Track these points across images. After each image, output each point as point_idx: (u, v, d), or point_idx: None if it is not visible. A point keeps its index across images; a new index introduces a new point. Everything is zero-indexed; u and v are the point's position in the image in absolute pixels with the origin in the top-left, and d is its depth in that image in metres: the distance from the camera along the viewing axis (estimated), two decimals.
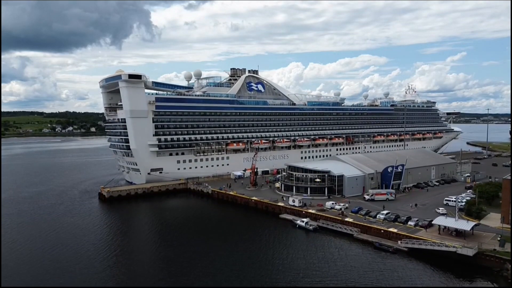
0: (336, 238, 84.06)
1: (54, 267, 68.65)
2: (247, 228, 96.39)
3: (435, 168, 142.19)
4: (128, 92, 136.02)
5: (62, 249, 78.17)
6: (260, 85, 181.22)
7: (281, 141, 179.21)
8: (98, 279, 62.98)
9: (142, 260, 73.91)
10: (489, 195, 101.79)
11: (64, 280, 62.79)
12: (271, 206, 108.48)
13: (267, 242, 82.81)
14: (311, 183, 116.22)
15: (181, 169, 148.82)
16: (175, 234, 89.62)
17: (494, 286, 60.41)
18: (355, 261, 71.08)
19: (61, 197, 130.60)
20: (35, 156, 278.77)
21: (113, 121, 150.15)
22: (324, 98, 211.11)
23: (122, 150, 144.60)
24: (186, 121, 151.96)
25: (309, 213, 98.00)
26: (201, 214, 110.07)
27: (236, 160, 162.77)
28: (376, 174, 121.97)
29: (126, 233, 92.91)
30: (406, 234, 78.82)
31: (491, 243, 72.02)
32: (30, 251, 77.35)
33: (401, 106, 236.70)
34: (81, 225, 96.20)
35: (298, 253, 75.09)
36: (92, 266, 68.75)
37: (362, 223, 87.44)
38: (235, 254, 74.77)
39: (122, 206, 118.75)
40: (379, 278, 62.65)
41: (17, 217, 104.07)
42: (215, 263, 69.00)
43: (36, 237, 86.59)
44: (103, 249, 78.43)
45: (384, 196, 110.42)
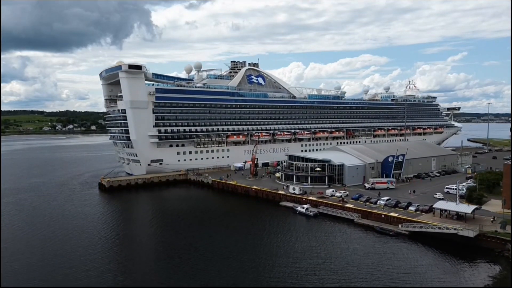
0: (337, 223, 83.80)
1: (55, 249, 68.48)
2: (247, 215, 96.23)
3: (436, 159, 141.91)
4: (128, 82, 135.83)
5: (63, 232, 78.11)
6: (261, 78, 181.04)
7: (282, 134, 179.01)
8: (99, 259, 62.70)
9: (142, 243, 73.79)
10: (490, 183, 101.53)
11: (65, 260, 62.58)
12: (272, 194, 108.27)
13: (267, 227, 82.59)
14: (312, 172, 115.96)
15: (181, 161, 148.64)
16: (175, 221, 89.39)
17: (495, 266, 60.08)
18: (357, 243, 70.98)
19: (61, 187, 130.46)
20: (35, 152, 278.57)
21: (113, 113, 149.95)
22: (325, 92, 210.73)
23: (122, 141, 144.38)
24: (186, 113, 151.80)
25: (309, 200, 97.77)
26: (201, 203, 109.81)
27: (236, 152, 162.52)
28: (377, 163, 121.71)
29: (126, 219, 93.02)
30: (406, 218, 78.61)
31: (492, 226, 71.72)
32: (31, 234, 77.33)
33: (401, 100, 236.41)
34: (81, 211, 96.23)
35: (299, 237, 74.93)
36: (93, 247, 68.64)
37: (362, 209, 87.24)
38: (235, 238, 74.54)
39: (122, 195, 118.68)
40: (381, 259, 62.33)
41: (16, 205, 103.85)
42: (214, 247, 68.60)
43: (36, 222, 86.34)
44: (103, 232, 78.46)
45: (384, 185, 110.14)
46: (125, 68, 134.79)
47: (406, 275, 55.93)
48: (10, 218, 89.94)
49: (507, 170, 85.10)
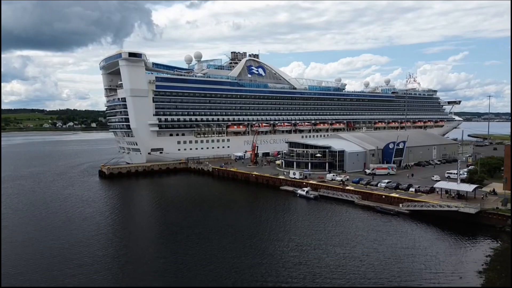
0: (338, 204, 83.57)
1: (57, 230, 68.34)
2: (247, 199, 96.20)
3: (437, 148, 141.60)
4: (128, 70, 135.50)
5: (63, 214, 77.90)
6: (261, 69, 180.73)
7: (282, 125, 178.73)
8: (100, 240, 62.41)
9: (141, 224, 73.57)
10: (491, 167, 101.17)
11: (66, 239, 62.40)
12: (272, 179, 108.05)
13: (268, 208, 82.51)
14: (312, 159, 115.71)
15: (182, 150, 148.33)
16: (175, 203, 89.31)
17: (496, 240, 59.78)
18: (359, 221, 70.93)
19: (61, 175, 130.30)
20: (36, 146, 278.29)
21: (113, 102, 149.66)
22: (325, 84, 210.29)
23: (123, 130, 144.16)
24: (187, 102, 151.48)
25: (310, 183, 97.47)
26: (201, 189, 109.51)
27: (236, 142, 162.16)
28: (377, 150, 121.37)
29: (126, 202, 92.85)
30: (407, 198, 78.34)
31: (493, 204, 71.44)
32: (31, 216, 77.15)
33: (402, 93, 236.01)
34: (81, 195, 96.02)
35: (300, 217, 74.77)
36: (94, 227, 68.57)
37: (363, 190, 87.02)
38: (235, 219, 74.04)
39: (122, 181, 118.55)
40: (383, 236, 62.13)
41: (16, 190, 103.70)
42: (214, 227, 67.96)
43: (37, 206, 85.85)
44: (104, 214, 78.31)
45: (385, 171, 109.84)
46: (125, 56, 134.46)
47: (409, 250, 55.55)
48: (9, 201, 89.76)
49: (508, 151, 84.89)
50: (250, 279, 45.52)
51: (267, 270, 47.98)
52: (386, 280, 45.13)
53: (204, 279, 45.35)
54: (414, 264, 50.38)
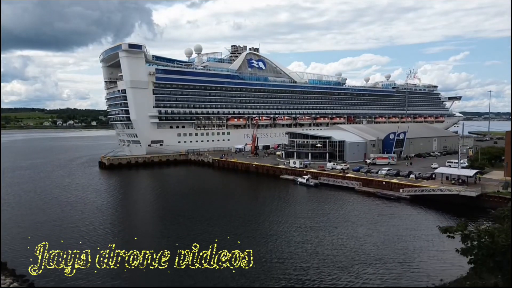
0: (338, 191, 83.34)
1: (59, 212, 68.21)
2: (248, 187, 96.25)
3: (437, 139, 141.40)
4: (128, 62, 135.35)
5: (64, 200, 77.84)
6: (261, 63, 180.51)
7: (282, 118, 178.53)
8: (103, 219, 62.34)
9: (141, 210, 73.44)
10: (491, 155, 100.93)
11: (67, 215, 62.25)
12: (272, 169, 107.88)
13: (268, 196, 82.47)
14: (312, 149, 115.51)
15: (182, 142, 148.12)
16: (175, 192, 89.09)
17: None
18: (360, 206, 70.79)
19: (60, 166, 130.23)
20: (36, 141, 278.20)
21: (113, 94, 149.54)
22: (326, 78, 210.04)
23: (123, 122, 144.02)
24: (187, 95, 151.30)
25: (310, 172, 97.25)
26: (202, 178, 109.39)
27: (236, 135, 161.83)
28: (378, 141, 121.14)
29: (127, 189, 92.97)
30: (408, 183, 78.16)
31: (494, 189, 71.18)
32: (33, 201, 77.05)
33: (403, 88, 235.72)
34: (81, 183, 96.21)
35: (300, 203, 74.86)
36: (96, 210, 68.52)
37: (363, 177, 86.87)
38: (235, 205, 73.72)
39: (122, 172, 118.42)
40: (385, 218, 62.08)
41: (16, 180, 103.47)
42: (215, 213, 67.63)
43: (38, 192, 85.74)
44: (105, 199, 78.62)
45: (385, 160, 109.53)
46: (125, 47, 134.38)
47: (412, 230, 55.45)
48: (9, 189, 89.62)
49: (508, 138, 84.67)
50: (255, 256, 44.92)
51: (271, 247, 47.70)
52: (389, 257, 44.69)
53: None
54: (418, 242, 50.25)
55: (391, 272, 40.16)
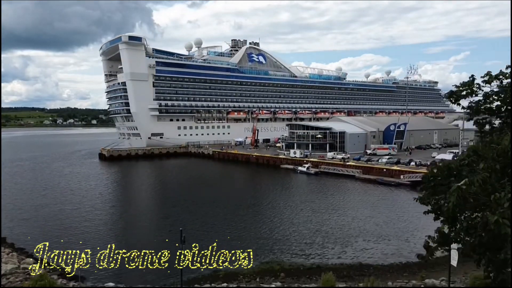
0: (338, 178, 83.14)
1: (60, 197, 68.10)
2: (248, 176, 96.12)
3: (438, 132, 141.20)
4: (128, 54, 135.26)
5: (66, 187, 77.61)
6: (261, 57, 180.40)
7: (283, 112, 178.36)
8: (104, 204, 62.20)
9: (141, 197, 73.17)
10: None
11: (70, 204, 62.11)
12: (272, 159, 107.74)
13: (268, 183, 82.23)
14: (313, 140, 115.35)
15: (182, 135, 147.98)
16: (176, 181, 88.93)
17: None
18: (361, 191, 70.66)
19: (60, 158, 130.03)
20: (36, 137, 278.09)
21: (113, 86, 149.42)
22: (326, 72, 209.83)
23: (123, 115, 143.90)
24: (187, 88, 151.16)
25: (310, 161, 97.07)
26: (201, 169, 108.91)
27: (237, 129, 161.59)
28: (378, 132, 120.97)
29: (128, 178, 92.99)
30: (408, 170, 77.96)
31: None
32: (34, 188, 76.92)
33: (403, 84, 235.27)
34: (82, 172, 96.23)
35: (302, 189, 74.41)
36: (98, 195, 68.58)
37: (364, 165, 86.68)
38: (236, 192, 73.42)
39: (122, 163, 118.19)
40: (387, 202, 61.98)
41: (16, 169, 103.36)
42: (216, 198, 67.14)
43: (38, 180, 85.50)
44: (106, 186, 78.73)
45: (386, 151, 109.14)
46: (125, 39, 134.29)
47: (412, 212, 54.45)
48: (9, 177, 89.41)
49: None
50: (264, 234, 44.75)
51: (275, 225, 47.56)
52: (391, 234, 44.52)
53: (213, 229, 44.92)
54: (419, 221, 49.69)
55: (393, 246, 40.34)
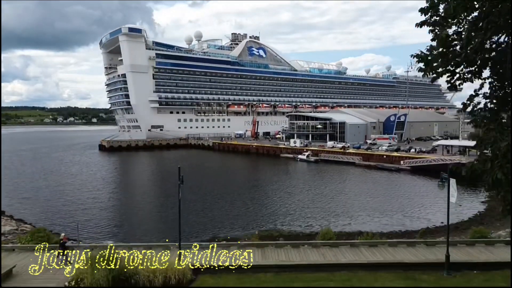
0: (338, 165, 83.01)
1: (63, 180, 68.05)
2: (248, 165, 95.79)
3: (438, 124, 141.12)
4: (129, 46, 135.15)
5: (67, 173, 77.72)
6: (262, 51, 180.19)
7: (283, 106, 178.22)
8: (105, 188, 62.07)
9: (141, 186, 73.02)
10: None
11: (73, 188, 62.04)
12: (272, 149, 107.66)
13: (268, 171, 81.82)
14: (313, 130, 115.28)
15: (182, 128, 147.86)
16: (175, 170, 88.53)
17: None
18: (362, 176, 70.54)
19: (60, 149, 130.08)
20: (36, 133, 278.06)
21: (113, 79, 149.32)
22: (327, 66, 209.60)
23: (123, 107, 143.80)
24: (187, 80, 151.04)
25: (310, 149, 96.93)
26: (201, 159, 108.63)
27: (237, 122, 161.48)
28: (378, 123, 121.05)
29: (128, 167, 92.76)
30: (408, 155, 77.84)
31: None
32: (34, 172, 76.84)
33: (404, 79, 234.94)
34: (82, 160, 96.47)
35: (303, 175, 74.23)
36: (100, 180, 68.80)
37: (364, 152, 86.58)
38: (236, 179, 72.76)
39: (122, 153, 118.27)
40: (388, 185, 61.87)
41: (17, 159, 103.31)
42: (216, 186, 67.66)
43: (39, 167, 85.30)
44: (107, 172, 78.66)
45: (386, 141, 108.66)
46: (125, 31, 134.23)
47: (413, 192, 55.23)
48: (10, 165, 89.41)
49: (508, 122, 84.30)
50: (266, 212, 44.73)
51: (278, 207, 47.23)
52: (393, 209, 44.54)
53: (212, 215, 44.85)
54: (421, 199, 50.08)
55: (395, 219, 40.57)
